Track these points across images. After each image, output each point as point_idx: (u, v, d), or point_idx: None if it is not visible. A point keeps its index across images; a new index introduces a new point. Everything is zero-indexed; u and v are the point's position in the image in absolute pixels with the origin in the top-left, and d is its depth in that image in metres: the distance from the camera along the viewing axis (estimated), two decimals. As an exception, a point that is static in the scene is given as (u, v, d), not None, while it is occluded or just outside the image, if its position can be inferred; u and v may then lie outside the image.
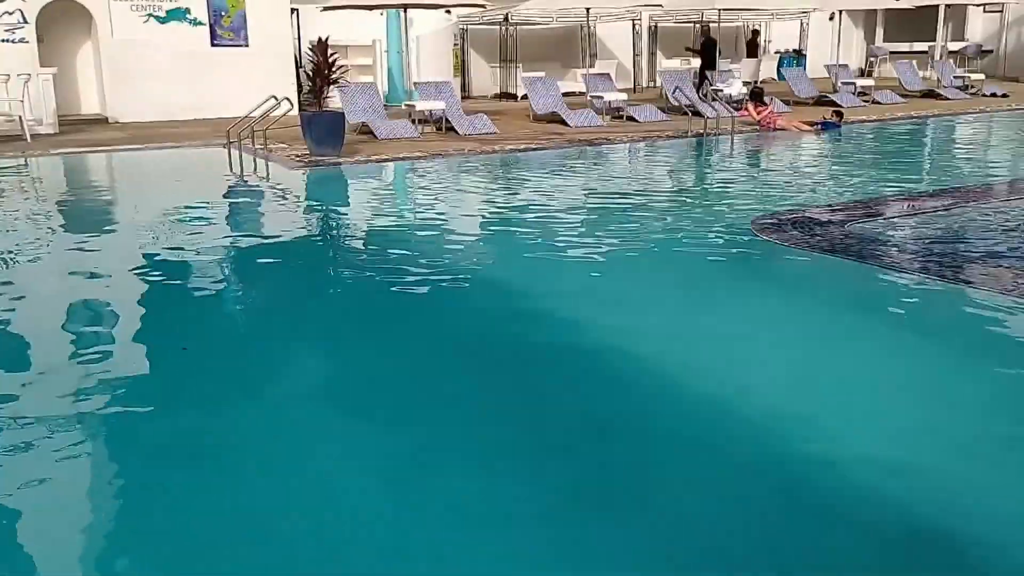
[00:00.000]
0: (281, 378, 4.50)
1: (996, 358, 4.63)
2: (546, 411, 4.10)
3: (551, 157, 12.40)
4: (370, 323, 5.45)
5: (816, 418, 3.95)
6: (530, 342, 5.00)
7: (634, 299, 5.86)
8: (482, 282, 6.37)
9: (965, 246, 7.27)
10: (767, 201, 9.09)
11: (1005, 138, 15.15)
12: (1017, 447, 3.69)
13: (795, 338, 5.08)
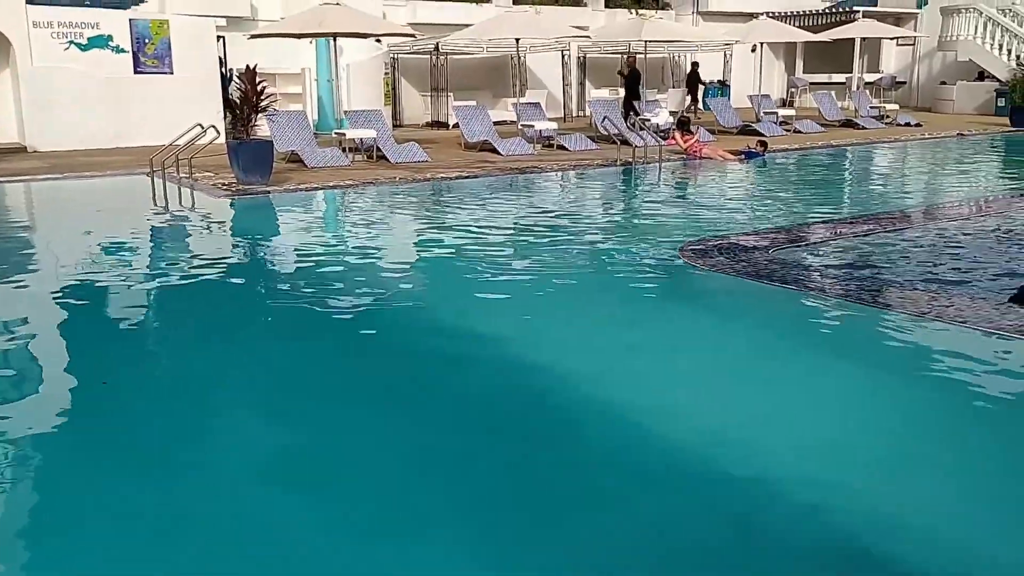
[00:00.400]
0: (204, 413, 4.37)
1: (911, 378, 4.76)
2: (474, 435, 4.07)
3: (483, 185, 12.44)
4: (297, 355, 5.35)
5: (740, 437, 4.00)
6: (461, 371, 4.97)
7: (565, 325, 5.88)
8: (414, 310, 6.32)
9: (883, 270, 7.50)
10: (694, 228, 9.25)
11: (919, 166, 15.76)
12: (930, 465, 3.79)
13: (720, 360, 5.16)
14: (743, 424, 4.20)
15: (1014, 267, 7.36)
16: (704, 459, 3.80)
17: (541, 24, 18.57)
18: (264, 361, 5.24)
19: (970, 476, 3.68)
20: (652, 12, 25.01)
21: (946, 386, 4.63)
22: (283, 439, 4.08)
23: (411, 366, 5.10)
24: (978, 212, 10.49)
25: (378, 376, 4.93)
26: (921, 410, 4.40)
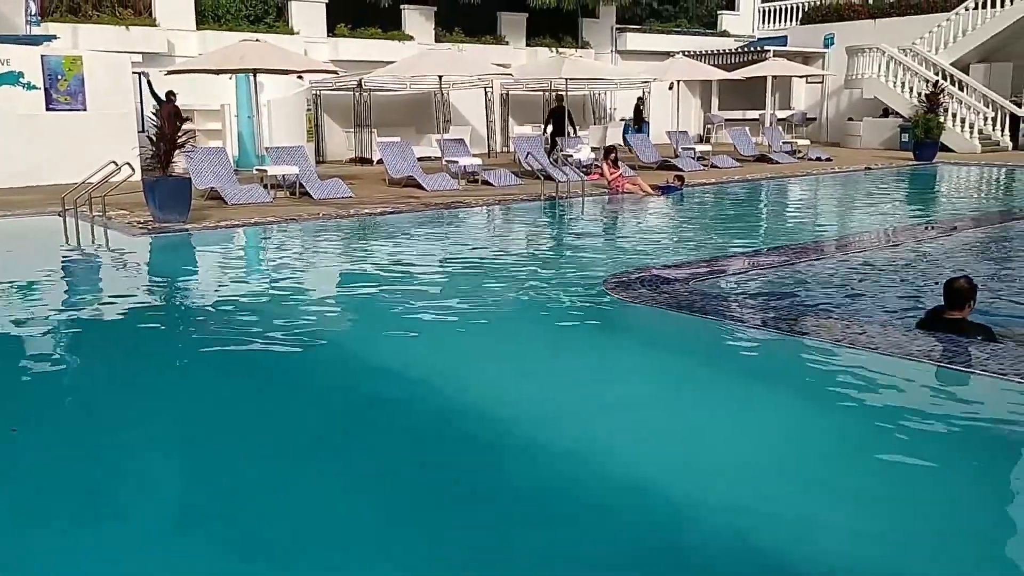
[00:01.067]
0: (113, 460, 4.21)
1: (827, 404, 4.90)
2: (397, 473, 4.02)
3: (407, 221, 12.41)
4: (213, 400, 5.21)
5: (661, 465, 4.05)
6: (386, 411, 4.92)
7: (491, 360, 5.88)
8: (338, 349, 6.23)
9: (799, 300, 7.74)
10: (617, 261, 9.40)
11: (831, 199, 16.35)
12: (847, 489, 3.89)
13: (643, 390, 5.23)
14: (664, 453, 4.25)
15: (920, 295, 7.67)
16: (626, 487, 3.82)
17: (463, 61, 18.76)
18: (178, 406, 5.09)
19: (884, 499, 3.79)
20: (572, 51, 25.52)
21: (860, 411, 4.78)
22: (196, 488, 3.96)
23: (335, 407, 5.02)
24: (887, 242, 10.93)
25: (299, 418, 4.84)
26: (837, 435, 4.53)
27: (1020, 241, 11.28)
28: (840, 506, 3.69)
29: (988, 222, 12.60)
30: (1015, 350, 5.55)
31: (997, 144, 22.52)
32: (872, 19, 26.39)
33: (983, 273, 8.55)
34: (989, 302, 7.06)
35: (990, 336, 5.82)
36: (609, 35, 27.87)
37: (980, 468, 4.10)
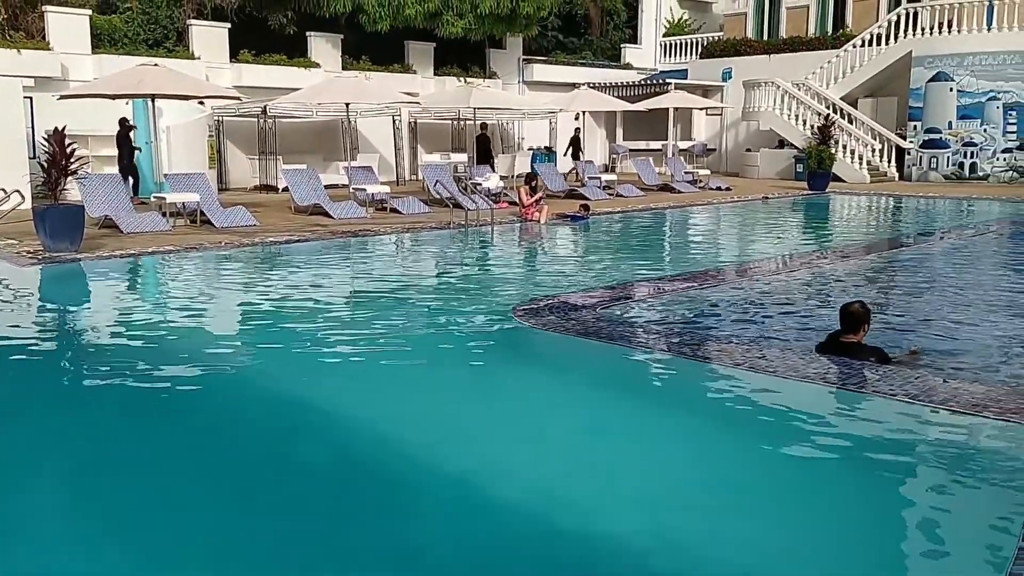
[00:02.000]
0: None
1: (726, 425, 5.01)
2: (303, 512, 3.91)
3: (314, 249, 12.21)
4: (101, 434, 4.98)
5: (569, 492, 4.05)
6: (289, 443, 4.78)
7: (398, 390, 5.80)
8: (237, 382, 6.04)
9: (702, 325, 7.92)
10: (526, 288, 9.45)
11: (731, 227, 16.87)
12: (750, 510, 3.97)
13: (550, 417, 5.23)
14: (573, 479, 4.26)
15: (817, 319, 7.95)
16: (534, 516, 3.81)
17: (370, 90, 18.68)
18: (66, 443, 4.84)
19: (782, 516, 3.88)
20: (480, 80, 25.76)
21: (759, 432, 4.90)
22: (84, 527, 3.75)
23: (233, 441, 4.86)
24: (785, 269, 11.32)
25: (197, 453, 4.66)
26: (737, 456, 4.62)
27: (908, 267, 11.85)
28: (741, 524, 3.76)
29: (878, 249, 13.20)
30: (905, 371, 5.80)
31: (885, 175, 23.69)
32: (767, 54, 27.52)
33: (875, 298, 8.93)
34: (882, 327, 7.36)
35: (883, 358, 6.06)
36: (516, 66, 28.25)
37: (872, 483, 4.24)
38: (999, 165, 22.56)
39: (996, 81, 22.29)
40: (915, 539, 3.69)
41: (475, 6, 23.55)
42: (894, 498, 4.13)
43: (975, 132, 22.81)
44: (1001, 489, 4.10)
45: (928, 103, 23.37)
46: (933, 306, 8.90)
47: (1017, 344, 7.35)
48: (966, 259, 12.37)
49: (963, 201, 19.18)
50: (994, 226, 15.77)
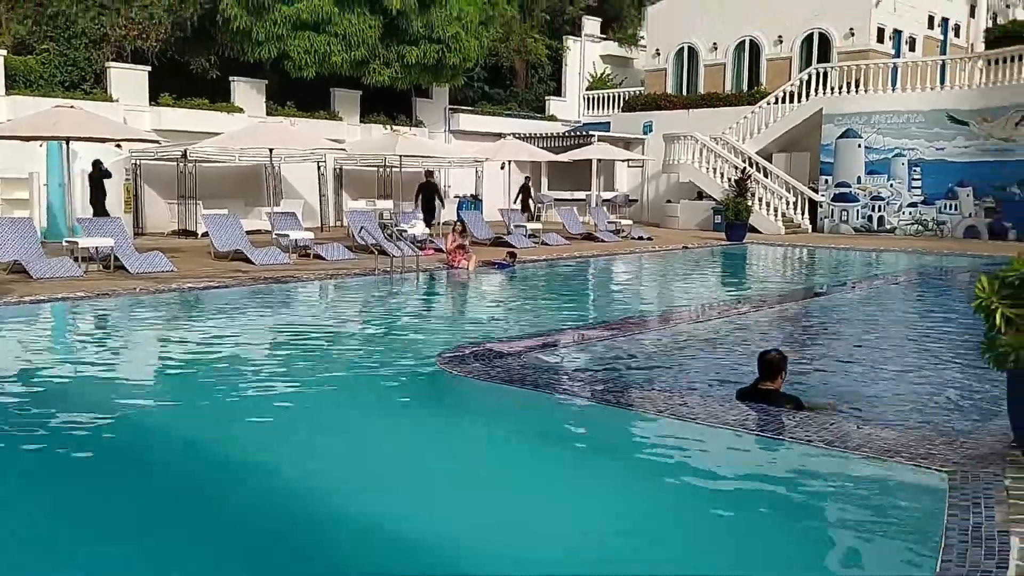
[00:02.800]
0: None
1: (647, 471, 5.04)
2: (218, 552, 3.76)
3: (233, 296, 11.95)
4: (9, 494, 4.72)
5: (490, 539, 4.00)
6: (207, 496, 4.61)
7: (321, 439, 5.67)
8: (151, 434, 5.82)
9: (625, 373, 8.00)
10: (451, 335, 9.40)
11: (653, 276, 17.18)
12: (666, 549, 3.99)
13: (471, 465, 5.19)
14: (493, 528, 4.21)
15: (737, 366, 8.11)
16: (451, 564, 3.74)
17: (295, 136, 18.56)
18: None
19: (708, 566, 3.90)
20: (406, 128, 25.88)
21: (678, 477, 4.94)
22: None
23: (148, 495, 4.66)
24: (704, 317, 11.55)
25: (111, 508, 4.45)
26: (657, 501, 4.65)
27: (823, 316, 12.23)
28: (660, 566, 3.76)
29: (794, 298, 13.61)
30: (820, 418, 5.94)
31: (798, 226, 24.54)
32: (686, 109, 28.40)
33: (792, 345, 9.17)
34: (798, 374, 7.54)
35: (799, 405, 6.21)
36: (443, 115, 28.50)
37: (790, 528, 4.31)
38: (905, 218, 23.61)
39: (901, 139, 23.44)
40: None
41: (402, 56, 23.75)
42: (812, 542, 4.19)
43: (882, 187, 23.87)
44: (915, 532, 4.21)
45: (838, 158, 24.40)
46: (847, 353, 9.19)
47: (927, 390, 7.62)
48: (877, 308, 12.85)
49: (872, 252, 19.97)
50: (902, 277, 16.45)
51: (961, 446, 5.33)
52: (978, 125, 22.14)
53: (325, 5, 22.10)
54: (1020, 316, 4.62)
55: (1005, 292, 4.69)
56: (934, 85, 23.33)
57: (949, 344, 9.68)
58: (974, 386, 7.46)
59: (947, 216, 22.94)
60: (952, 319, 11.36)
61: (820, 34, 26.51)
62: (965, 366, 8.19)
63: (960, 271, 16.79)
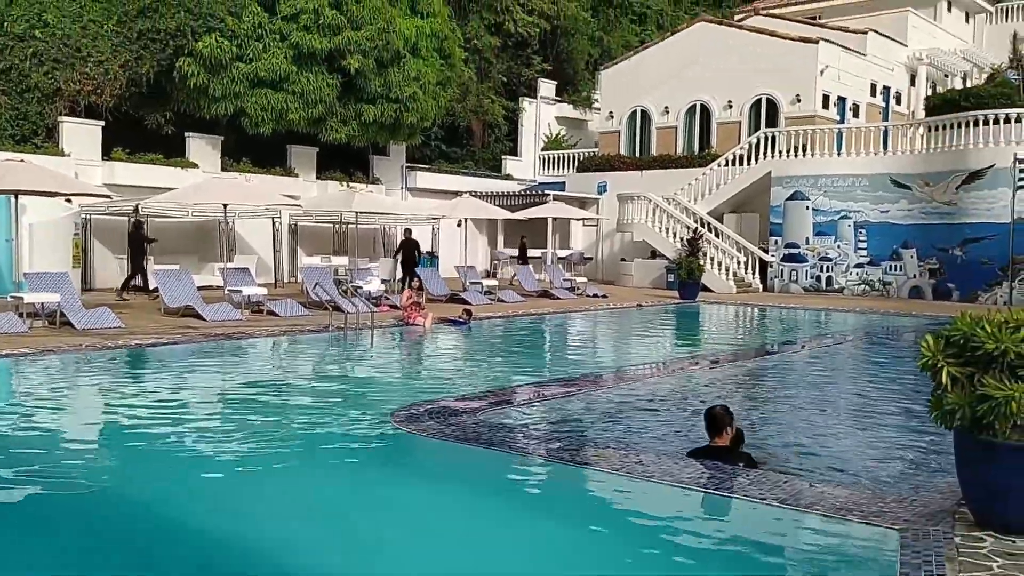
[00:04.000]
0: None
1: (603, 530, 5.00)
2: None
3: (183, 352, 11.73)
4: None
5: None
6: (149, 558, 4.46)
7: (272, 499, 5.54)
8: (94, 497, 5.63)
9: (581, 431, 7.98)
10: (406, 393, 9.32)
11: (608, 333, 17.28)
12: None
13: (426, 524, 5.10)
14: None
15: (690, 424, 8.15)
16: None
17: (251, 191, 18.49)
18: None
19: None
20: (363, 185, 25.96)
21: (633, 536, 4.91)
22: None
23: (85, 560, 4.49)
24: (659, 374, 11.61)
25: (51, 569, 4.28)
26: (613, 560, 4.60)
27: (774, 374, 12.37)
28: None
29: (746, 357, 13.76)
30: (772, 476, 5.98)
31: (749, 285, 24.96)
32: (639, 170, 28.94)
33: (743, 403, 9.25)
34: (751, 434, 7.60)
35: (751, 463, 6.24)
36: (400, 172, 28.67)
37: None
38: (852, 279, 24.17)
39: (847, 201, 24.11)
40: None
41: (359, 114, 23.94)
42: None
43: (830, 248, 24.45)
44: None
45: (787, 220, 24.99)
46: (799, 411, 9.29)
47: (878, 448, 7.71)
48: (827, 366, 13.05)
49: (822, 312, 20.35)
50: (850, 336, 16.76)
51: (912, 504, 5.39)
52: (920, 189, 22.89)
53: (283, 64, 22.26)
54: (965, 375, 4.73)
55: (950, 351, 4.80)
56: (877, 150, 24.13)
57: (898, 402, 9.84)
58: (923, 444, 7.58)
59: (893, 277, 23.54)
60: (900, 377, 11.57)
61: (768, 99, 27.35)
62: (914, 424, 8.32)
63: (906, 330, 17.17)
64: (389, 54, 23.57)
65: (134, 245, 18.66)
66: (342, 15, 22.69)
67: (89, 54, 20.17)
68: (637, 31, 40.40)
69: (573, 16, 35.83)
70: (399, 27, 23.66)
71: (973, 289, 21.79)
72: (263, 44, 22.17)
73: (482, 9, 32.54)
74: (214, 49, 21.18)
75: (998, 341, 4.61)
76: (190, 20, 20.99)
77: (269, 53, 22.18)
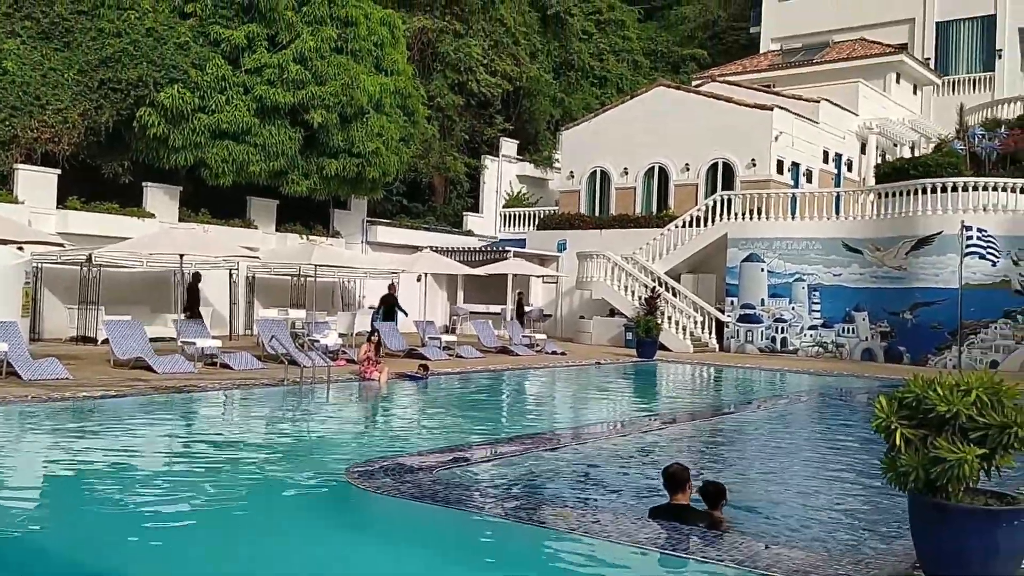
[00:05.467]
0: None
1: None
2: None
3: (132, 405, 11.43)
4: None
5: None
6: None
7: (218, 557, 5.37)
8: (29, 552, 5.41)
9: (538, 489, 7.89)
10: (361, 449, 9.16)
11: (566, 390, 17.25)
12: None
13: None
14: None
15: (649, 483, 8.11)
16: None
17: (208, 242, 18.33)
18: None
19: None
20: (323, 238, 25.87)
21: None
22: None
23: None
24: (617, 433, 11.58)
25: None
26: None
27: (731, 434, 12.41)
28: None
29: (703, 416, 13.81)
30: (729, 537, 5.95)
31: (706, 345, 25.16)
32: (599, 229, 29.26)
33: (701, 462, 9.24)
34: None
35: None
36: (360, 226, 28.65)
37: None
38: (807, 340, 24.50)
39: (801, 264, 24.58)
40: None
41: (321, 168, 23.97)
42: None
43: (785, 309, 24.83)
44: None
45: (743, 281, 25.37)
46: (755, 471, 9.30)
47: (834, 510, 7.73)
48: (783, 426, 13.13)
49: (777, 372, 20.55)
50: (805, 396, 16.93)
51: (867, 567, 5.39)
52: (871, 253, 23.44)
53: (246, 116, 22.27)
54: (918, 436, 4.78)
55: (903, 413, 4.86)
56: (830, 215, 24.72)
57: (853, 463, 9.91)
58: (879, 505, 7.61)
59: (845, 339, 23.91)
60: (854, 438, 11.68)
61: (724, 163, 27.96)
62: (869, 485, 8.37)
63: (859, 392, 17.39)
64: (353, 109, 23.74)
65: (191, 296, 19.32)
66: (307, 71, 22.85)
67: (48, 102, 20.00)
68: (597, 94, 41.29)
69: (535, 78, 36.53)
70: (363, 84, 23.87)
71: (923, 352, 22.20)
72: (226, 96, 22.19)
73: (446, 69, 33.04)
74: (176, 100, 21.14)
75: (950, 404, 4.68)
76: (153, 71, 20.97)
77: (232, 105, 22.19)
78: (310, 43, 22.86)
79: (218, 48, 22.25)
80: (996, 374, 4.97)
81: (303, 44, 22.79)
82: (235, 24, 22.53)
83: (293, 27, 22.91)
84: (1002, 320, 21.27)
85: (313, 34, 23.09)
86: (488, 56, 34.33)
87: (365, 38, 24.55)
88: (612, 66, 43.10)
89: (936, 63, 37.28)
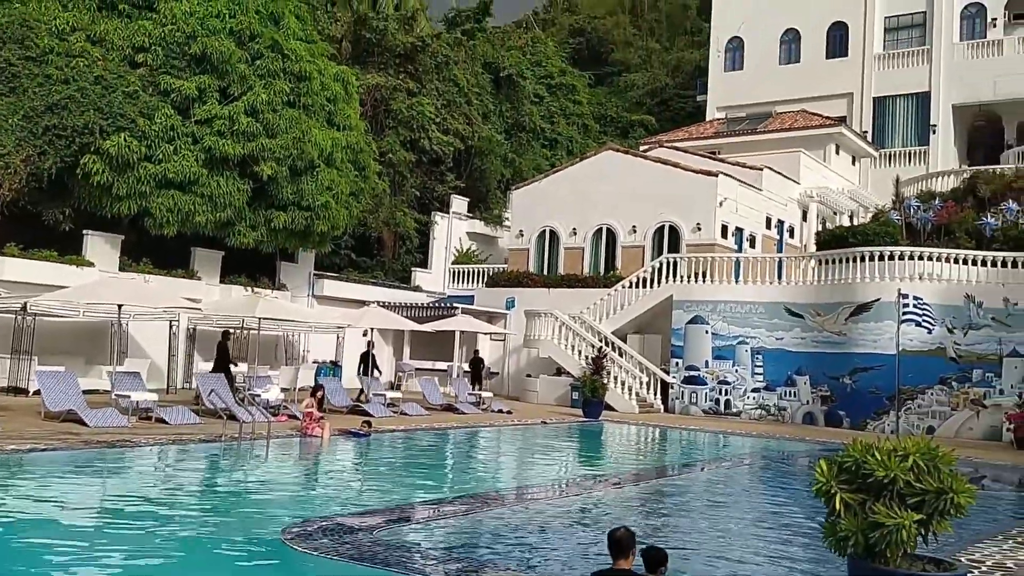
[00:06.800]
0: None
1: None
2: None
3: (60, 460, 11.00)
4: None
5: None
6: None
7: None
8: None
9: (480, 551, 7.74)
10: (299, 508, 8.92)
11: (512, 450, 17.09)
12: None
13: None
14: None
15: (593, 544, 8.02)
16: None
17: (148, 293, 17.95)
18: None
19: None
20: (268, 291, 25.52)
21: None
22: None
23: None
24: (562, 494, 11.48)
25: None
26: None
27: (674, 495, 12.39)
28: None
29: (647, 477, 13.78)
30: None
31: (651, 406, 25.25)
32: (547, 288, 29.42)
33: (646, 525, 9.18)
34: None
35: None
36: (307, 279, 28.36)
37: None
38: (750, 403, 24.76)
39: (744, 327, 24.96)
40: None
41: (269, 220, 23.78)
42: None
43: (728, 371, 25.10)
44: None
45: (687, 343, 25.63)
46: (698, 534, 9.27)
47: (775, 574, 7.72)
48: (725, 489, 13.15)
49: (720, 435, 20.68)
50: (747, 459, 17.02)
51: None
52: (812, 318, 23.92)
53: (193, 166, 22.05)
54: (857, 501, 4.82)
55: (843, 477, 4.91)
56: (772, 280, 25.23)
57: (794, 526, 9.95)
58: (819, 570, 7.62)
59: (787, 402, 24.22)
60: (795, 501, 11.74)
61: (670, 226, 28.45)
62: (809, 548, 8.39)
63: (800, 455, 17.56)
64: (303, 163, 23.69)
65: (221, 353, 19.26)
66: (258, 123, 22.79)
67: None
68: (548, 155, 41.94)
69: (487, 138, 36.98)
70: (315, 137, 23.89)
71: (863, 417, 22.57)
72: (174, 146, 21.96)
73: (399, 126, 33.28)
74: (122, 148, 20.83)
75: (888, 469, 4.74)
76: (99, 119, 20.71)
77: (180, 155, 21.95)
78: (262, 96, 22.86)
79: (168, 98, 22.09)
80: (933, 440, 5.05)
81: (255, 97, 22.77)
82: (186, 75, 22.43)
83: (246, 80, 22.90)
84: (938, 386, 21.78)
85: (266, 87, 23.11)
86: (441, 115, 34.71)
87: (318, 93, 24.65)
88: (563, 129, 43.91)
89: (873, 136, 38.77)
